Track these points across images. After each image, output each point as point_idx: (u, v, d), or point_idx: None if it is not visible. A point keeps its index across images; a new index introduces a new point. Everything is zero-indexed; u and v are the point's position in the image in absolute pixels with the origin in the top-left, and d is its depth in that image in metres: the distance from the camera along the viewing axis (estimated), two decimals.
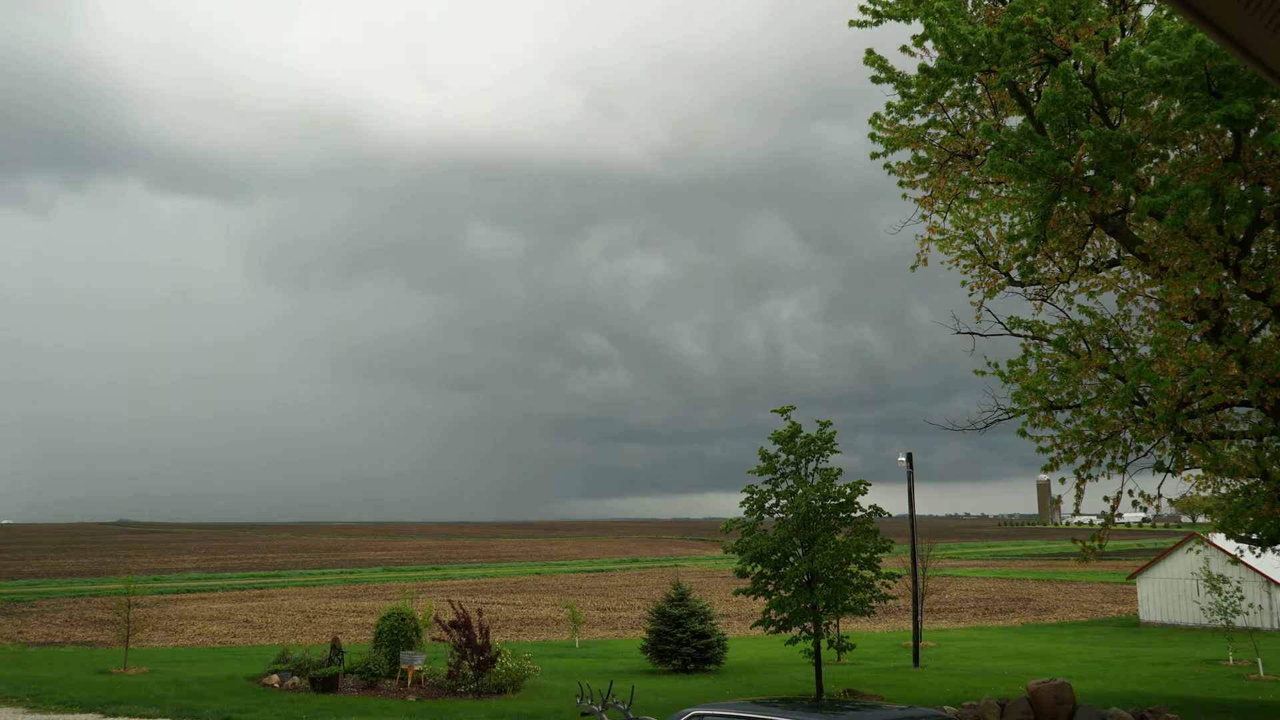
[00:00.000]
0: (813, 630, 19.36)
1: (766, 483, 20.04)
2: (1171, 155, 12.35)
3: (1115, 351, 13.89)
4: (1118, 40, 11.67)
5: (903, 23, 12.46)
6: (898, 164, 14.13)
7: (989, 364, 14.64)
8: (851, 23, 12.83)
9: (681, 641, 26.07)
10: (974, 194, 14.48)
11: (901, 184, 14.25)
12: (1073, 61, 10.78)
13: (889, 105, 13.40)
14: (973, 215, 14.95)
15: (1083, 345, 13.87)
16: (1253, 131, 10.56)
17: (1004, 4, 12.43)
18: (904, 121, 13.54)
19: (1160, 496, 13.35)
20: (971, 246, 15.10)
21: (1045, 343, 14.67)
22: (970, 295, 14.84)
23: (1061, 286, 14.49)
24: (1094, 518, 15.00)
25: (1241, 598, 27.46)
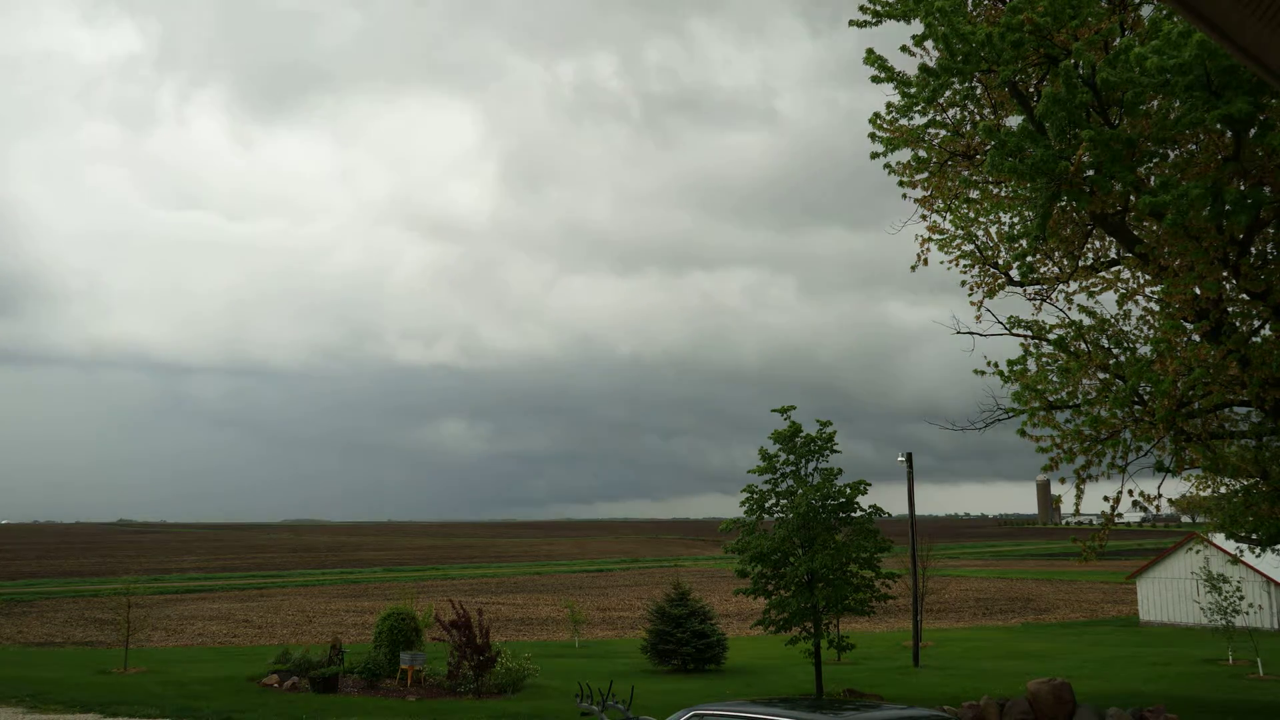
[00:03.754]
0: (813, 630, 19.37)
1: (766, 483, 20.06)
2: (1171, 155, 12.34)
3: (1115, 351, 13.89)
4: (1118, 40, 11.66)
5: (902, 22, 12.47)
6: (897, 164, 14.13)
7: (989, 364, 14.65)
8: (851, 22, 12.84)
9: (682, 641, 26.06)
10: (974, 194, 14.48)
11: (901, 184, 14.25)
12: (1073, 61, 10.77)
13: (889, 105, 13.40)
14: (973, 215, 14.95)
15: (1082, 345, 13.87)
16: (1253, 131, 10.55)
17: (1004, 4, 12.42)
18: (904, 121, 13.54)
19: (1160, 496, 13.34)
20: (971, 246, 15.10)
21: (1045, 342, 14.68)
22: (970, 295, 14.85)
23: (1061, 286, 14.49)
24: (1094, 518, 15.01)
25: (1241, 597, 27.47)
